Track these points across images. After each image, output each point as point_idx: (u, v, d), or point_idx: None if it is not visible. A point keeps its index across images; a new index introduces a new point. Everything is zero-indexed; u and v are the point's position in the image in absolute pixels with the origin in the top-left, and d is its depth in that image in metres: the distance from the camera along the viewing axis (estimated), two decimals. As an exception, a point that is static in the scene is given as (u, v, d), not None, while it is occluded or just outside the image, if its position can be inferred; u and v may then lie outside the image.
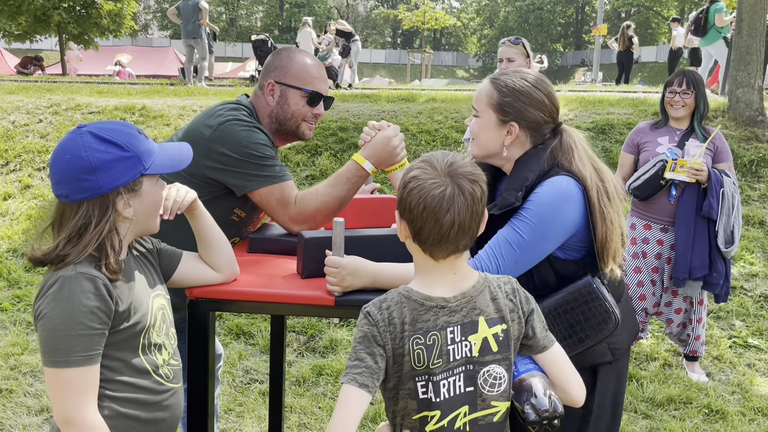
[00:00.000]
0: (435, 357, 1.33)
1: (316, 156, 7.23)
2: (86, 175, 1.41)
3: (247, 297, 1.69)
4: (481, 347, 1.36)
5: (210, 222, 1.72)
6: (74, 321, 1.36)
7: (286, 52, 2.19)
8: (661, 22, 49.16)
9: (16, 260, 5.58)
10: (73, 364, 1.36)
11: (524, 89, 1.74)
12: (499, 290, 1.40)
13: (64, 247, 1.42)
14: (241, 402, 3.49)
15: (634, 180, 3.62)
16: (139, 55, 25.11)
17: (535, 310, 1.44)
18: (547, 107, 1.75)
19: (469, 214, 1.32)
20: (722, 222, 3.47)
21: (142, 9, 43.86)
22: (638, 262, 3.72)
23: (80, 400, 1.37)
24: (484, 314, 1.36)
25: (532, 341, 1.42)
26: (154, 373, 1.53)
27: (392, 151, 2.00)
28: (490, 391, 1.37)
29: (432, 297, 1.35)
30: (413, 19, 42.32)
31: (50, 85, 10.82)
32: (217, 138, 1.97)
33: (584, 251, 1.71)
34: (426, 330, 1.33)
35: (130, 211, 1.47)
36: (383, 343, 1.33)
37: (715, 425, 3.34)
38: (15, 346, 4.03)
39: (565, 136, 1.77)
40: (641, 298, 3.73)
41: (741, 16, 7.03)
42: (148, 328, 1.51)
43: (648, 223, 3.70)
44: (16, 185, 6.83)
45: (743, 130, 7.01)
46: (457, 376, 1.35)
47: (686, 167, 3.44)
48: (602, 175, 1.72)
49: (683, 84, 3.57)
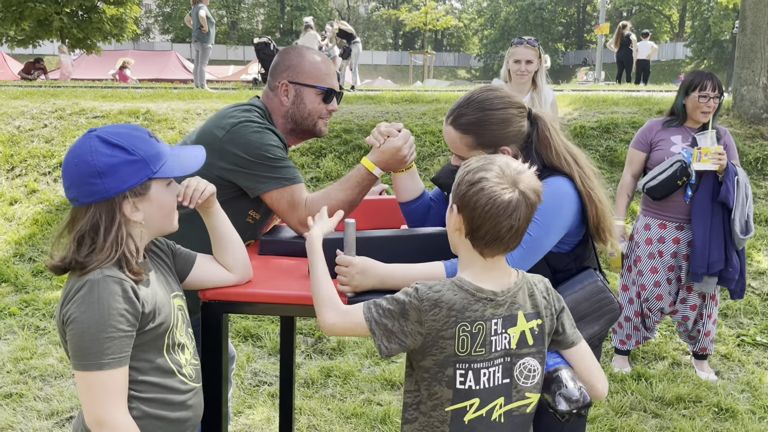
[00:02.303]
0: (478, 345, 1.40)
1: (320, 158, 7.24)
2: (92, 179, 1.42)
3: (261, 299, 1.69)
4: (518, 340, 1.43)
5: (225, 221, 1.73)
6: (105, 324, 1.37)
7: (295, 52, 2.20)
8: (663, 20, 49.13)
9: (23, 265, 5.59)
10: (104, 367, 1.37)
11: (491, 118, 1.75)
12: (535, 287, 1.48)
13: (78, 251, 1.43)
14: (250, 404, 3.49)
15: (650, 180, 3.56)
16: (142, 59, 25.19)
17: (565, 308, 1.53)
18: (515, 116, 1.78)
19: (525, 221, 1.41)
20: (738, 210, 3.46)
21: (143, 13, 43.97)
22: (654, 262, 3.68)
23: (112, 402, 1.39)
24: (522, 309, 1.44)
25: (561, 337, 1.51)
26: (178, 372, 1.54)
27: (402, 159, 1.99)
28: (525, 383, 1.45)
29: (483, 289, 1.41)
30: (416, 20, 42.36)
31: (54, 90, 10.86)
32: (230, 140, 1.98)
33: (573, 244, 1.81)
34: (474, 319, 1.39)
35: (138, 215, 1.47)
36: (422, 320, 1.38)
37: (725, 424, 3.34)
38: (24, 350, 4.04)
39: (540, 125, 1.80)
40: (658, 298, 3.70)
41: (745, 14, 7.02)
42: (171, 328, 1.53)
43: (663, 222, 3.66)
44: (22, 190, 6.85)
45: (748, 128, 7.00)
46: (497, 368, 1.42)
47: (710, 154, 3.41)
48: (578, 159, 1.79)
49: (715, 89, 3.52)
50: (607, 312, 1.80)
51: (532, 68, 3.86)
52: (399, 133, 2.00)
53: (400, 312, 1.40)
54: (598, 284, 1.78)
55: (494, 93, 1.78)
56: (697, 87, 3.53)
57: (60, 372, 3.79)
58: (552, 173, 1.75)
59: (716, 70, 36.57)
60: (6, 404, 3.41)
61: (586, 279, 1.79)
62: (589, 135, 7.18)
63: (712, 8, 39.79)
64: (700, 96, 3.52)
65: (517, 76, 3.87)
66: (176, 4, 48.96)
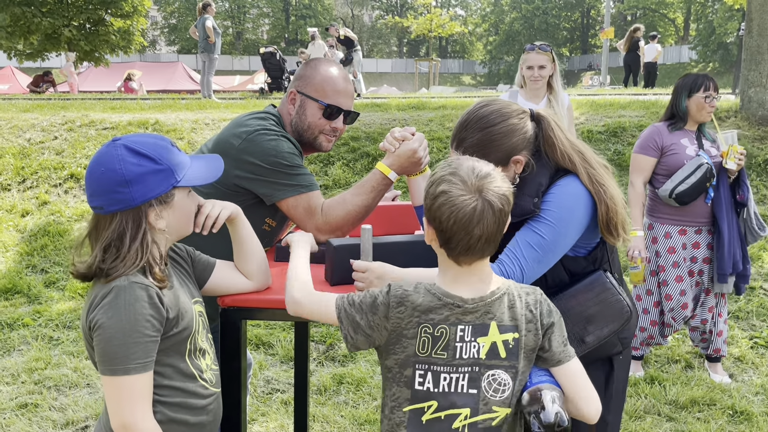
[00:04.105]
0: (439, 348, 1.39)
1: (328, 166, 7.27)
2: (120, 188, 1.44)
3: (280, 305, 1.70)
4: (488, 350, 1.40)
5: (249, 231, 1.74)
6: (131, 329, 1.39)
7: (314, 63, 2.20)
8: (668, 24, 49.09)
9: (35, 276, 5.63)
10: (131, 372, 1.40)
11: (492, 135, 1.71)
12: (518, 299, 1.43)
13: (103, 259, 1.45)
14: (264, 412, 3.50)
15: (678, 184, 3.48)
16: (149, 70, 25.36)
17: (557, 324, 1.46)
18: (516, 124, 1.73)
19: (496, 227, 1.37)
20: (751, 207, 3.51)
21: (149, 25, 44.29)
22: (679, 270, 3.65)
23: (137, 406, 1.41)
24: (497, 320, 1.40)
25: (547, 354, 1.45)
26: (199, 377, 1.56)
27: (417, 162, 2.00)
28: (493, 396, 1.41)
29: (450, 294, 1.40)
30: (421, 27, 42.48)
31: (64, 102, 10.95)
32: (246, 148, 2.00)
33: (590, 247, 1.77)
34: (436, 322, 1.39)
35: (162, 223, 1.50)
36: (388, 315, 1.40)
37: (740, 426, 3.32)
38: (38, 360, 4.06)
39: (544, 125, 1.76)
40: (684, 307, 3.67)
41: (751, 16, 7.02)
42: (193, 333, 1.55)
43: (683, 228, 3.63)
44: (33, 202, 6.90)
45: (756, 130, 6.98)
46: (461, 375, 1.40)
47: (736, 153, 3.45)
48: (585, 155, 1.75)
49: (716, 89, 3.57)
50: (618, 314, 1.74)
51: (546, 73, 3.87)
52: (413, 136, 2.02)
53: (370, 306, 1.42)
54: (606, 286, 1.74)
55: (489, 108, 1.74)
56: (700, 88, 3.56)
57: (74, 382, 3.81)
58: (564, 174, 1.73)
59: (721, 72, 36.52)
60: (22, 414, 3.43)
61: (594, 281, 1.75)
62: (597, 139, 7.18)
63: (716, 10, 39.75)
64: (705, 96, 3.54)
65: (531, 82, 3.88)
66: (182, 16, 49.36)
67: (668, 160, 3.58)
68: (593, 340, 1.73)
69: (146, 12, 18.16)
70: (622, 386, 1.89)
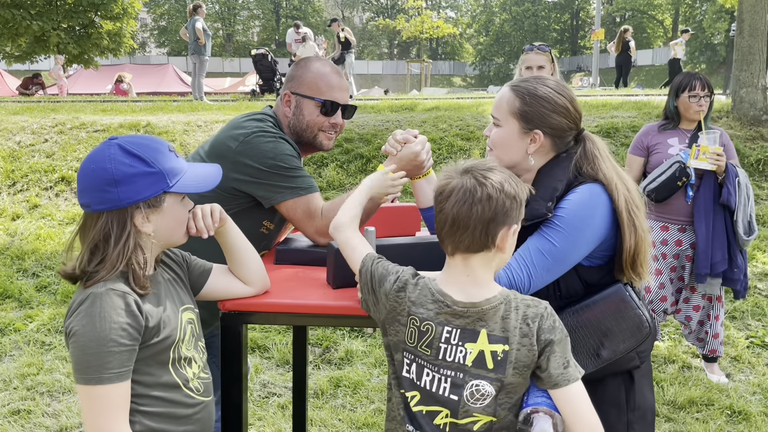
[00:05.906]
0: (424, 344, 1.40)
1: (322, 167, 7.24)
2: (108, 187, 1.42)
3: (281, 309, 1.68)
4: (475, 358, 1.37)
5: (238, 236, 1.70)
6: (106, 338, 1.36)
7: (303, 62, 2.18)
8: (657, 26, 49.41)
9: (26, 280, 5.57)
10: (105, 381, 1.36)
11: (547, 95, 1.69)
12: (515, 311, 1.38)
13: (90, 260, 1.42)
14: (261, 416, 3.47)
15: (650, 182, 3.60)
16: (139, 72, 25.21)
17: (557, 343, 1.38)
18: (570, 113, 1.71)
19: (466, 209, 1.35)
20: (740, 211, 3.48)
21: (139, 27, 44.07)
22: (658, 264, 3.71)
23: (112, 416, 1.37)
24: (488, 328, 1.37)
25: (544, 374, 1.38)
26: (184, 386, 1.53)
27: (420, 164, 1.96)
28: (474, 404, 1.38)
29: (443, 293, 1.40)
30: (412, 29, 42.48)
31: (54, 105, 10.86)
32: (243, 150, 1.97)
33: (607, 258, 1.69)
34: (424, 317, 1.41)
35: (149, 227, 1.47)
36: (389, 294, 1.45)
37: (739, 426, 3.32)
38: (30, 366, 4.01)
39: (588, 143, 1.73)
40: (662, 300, 3.72)
41: (742, 16, 7.06)
42: (177, 342, 1.51)
43: (665, 225, 3.69)
44: (24, 205, 6.83)
45: (748, 130, 7.02)
46: (444, 378, 1.39)
47: (708, 153, 3.43)
48: (627, 183, 1.69)
49: (705, 88, 3.58)
50: (636, 330, 1.64)
51: (545, 73, 3.86)
52: (415, 139, 1.99)
53: (381, 278, 1.48)
54: (625, 299, 1.65)
55: (565, 87, 1.74)
56: (686, 88, 3.61)
57: (67, 387, 3.76)
58: (586, 180, 1.66)
59: (708, 72, 36.75)
60: (14, 421, 3.38)
61: (613, 293, 1.66)
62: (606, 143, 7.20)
63: (705, 12, 40.01)
64: (690, 96, 3.59)
65: None
66: (171, 18, 49.14)
67: (652, 159, 3.70)
68: (609, 355, 1.65)
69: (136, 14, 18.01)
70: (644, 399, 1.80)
